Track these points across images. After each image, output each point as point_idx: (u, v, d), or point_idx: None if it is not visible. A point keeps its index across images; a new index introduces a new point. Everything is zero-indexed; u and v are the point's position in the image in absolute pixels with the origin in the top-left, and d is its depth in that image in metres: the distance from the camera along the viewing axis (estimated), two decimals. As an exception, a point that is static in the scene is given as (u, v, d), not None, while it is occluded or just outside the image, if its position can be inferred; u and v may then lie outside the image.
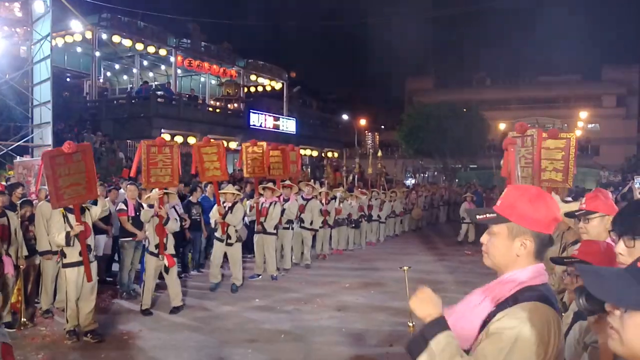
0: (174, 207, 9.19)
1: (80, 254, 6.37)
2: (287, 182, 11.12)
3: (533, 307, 1.67)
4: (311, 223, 11.83)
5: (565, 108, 49.21)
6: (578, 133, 44.77)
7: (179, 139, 24.01)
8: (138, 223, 8.41)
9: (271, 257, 10.14)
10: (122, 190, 10.27)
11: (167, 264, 7.61)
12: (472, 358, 1.68)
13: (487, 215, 1.88)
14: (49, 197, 7.57)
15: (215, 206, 9.09)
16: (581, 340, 2.38)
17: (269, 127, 29.52)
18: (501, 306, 1.73)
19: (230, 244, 9.06)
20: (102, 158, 19.12)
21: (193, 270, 10.44)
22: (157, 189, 7.71)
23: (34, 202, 8.17)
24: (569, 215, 3.43)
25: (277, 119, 30.49)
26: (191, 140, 24.73)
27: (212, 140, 9.56)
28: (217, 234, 9.12)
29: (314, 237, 12.29)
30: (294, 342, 6.39)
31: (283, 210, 10.42)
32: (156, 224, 7.60)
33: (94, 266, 6.58)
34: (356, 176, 22.11)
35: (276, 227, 10.27)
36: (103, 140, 21.07)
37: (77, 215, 6.37)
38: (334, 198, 12.98)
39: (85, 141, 19.76)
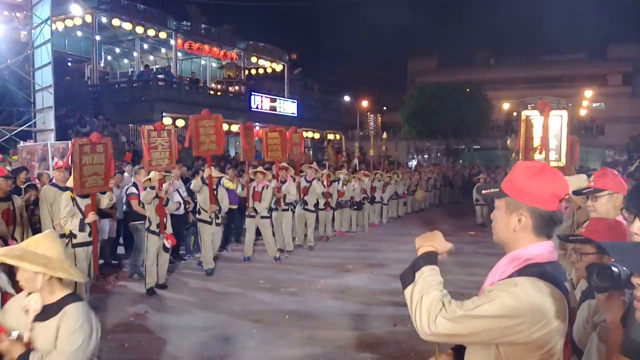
0: (177, 190, 9.24)
1: (89, 234, 6.71)
2: (283, 164, 11.12)
3: (530, 281, 1.69)
4: (316, 205, 11.88)
5: (570, 87, 48.76)
6: (583, 112, 44.71)
7: (180, 122, 24.00)
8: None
9: (270, 240, 10.18)
10: (125, 174, 10.31)
11: (167, 244, 7.84)
12: (463, 302, 1.71)
13: (491, 190, 1.93)
14: (52, 181, 7.67)
15: (196, 180, 9.01)
16: (590, 320, 2.38)
17: (270, 110, 29.42)
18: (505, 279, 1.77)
19: (218, 224, 9.22)
20: (105, 142, 19.07)
21: (197, 252, 10.48)
22: (155, 172, 7.91)
23: (38, 186, 8.23)
24: (577, 193, 3.43)
25: (277, 101, 30.37)
26: (193, 123, 24.72)
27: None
28: (203, 216, 9.02)
29: (317, 219, 12.34)
30: (299, 322, 6.44)
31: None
32: (157, 205, 7.76)
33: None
34: (358, 159, 21.97)
35: (271, 210, 10.31)
36: (105, 124, 21.08)
37: (93, 204, 6.70)
38: (337, 180, 12.99)
39: (87, 125, 19.83)
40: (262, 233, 10.19)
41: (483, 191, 1.98)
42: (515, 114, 49.11)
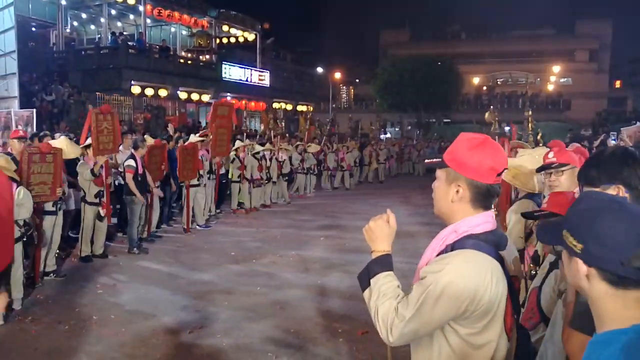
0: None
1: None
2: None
3: (462, 254, 1.72)
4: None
5: (539, 62, 49.45)
6: (550, 87, 45.37)
7: (149, 91, 23.54)
8: (144, 181, 8.59)
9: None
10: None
11: (101, 212, 7.84)
12: (404, 300, 1.73)
13: (434, 159, 1.95)
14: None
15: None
16: (556, 288, 2.46)
17: (242, 80, 29.04)
18: (440, 254, 1.79)
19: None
20: (71, 110, 18.67)
21: (163, 223, 10.40)
22: (102, 156, 7.78)
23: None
24: (541, 169, 3.51)
25: (250, 72, 29.97)
26: (162, 92, 24.24)
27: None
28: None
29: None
30: (270, 295, 6.48)
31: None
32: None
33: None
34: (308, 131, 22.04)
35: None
36: (71, 92, 20.52)
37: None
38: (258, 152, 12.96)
39: (53, 93, 19.29)
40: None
41: (426, 160, 2.04)
42: (485, 88, 49.74)
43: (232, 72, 28.44)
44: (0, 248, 3.39)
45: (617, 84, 54.88)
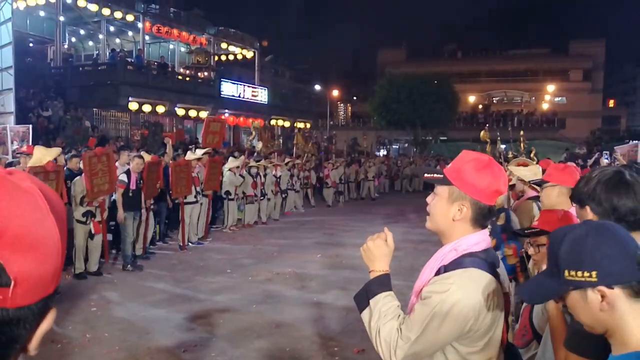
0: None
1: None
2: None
3: (465, 273, 1.70)
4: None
5: (534, 81, 49.96)
6: (545, 106, 45.84)
7: (147, 107, 23.57)
8: (136, 197, 8.46)
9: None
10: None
11: (93, 231, 7.85)
12: (407, 320, 1.71)
13: (435, 175, 1.90)
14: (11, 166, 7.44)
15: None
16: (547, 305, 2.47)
17: (240, 97, 29.13)
18: (439, 272, 1.77)
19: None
20: (67, 126, 18.67)
21: (158, 241, 10.33)
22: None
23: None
24: (535, 183, 3.64)
25: (248, 89, 30.09)
26: (160, 109, 24.28)
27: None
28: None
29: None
30: (266, 313, 6.42)
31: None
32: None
33: None
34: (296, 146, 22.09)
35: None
36: (67, 108, 20.54)
37: None
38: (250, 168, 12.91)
39: (49, 109, 19.31)
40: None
41: (426, 174, 1.95)
42: (480, 106, 50.11)
43: (230, 89, 28.53)
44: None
45: (611, 103, 55.37)
